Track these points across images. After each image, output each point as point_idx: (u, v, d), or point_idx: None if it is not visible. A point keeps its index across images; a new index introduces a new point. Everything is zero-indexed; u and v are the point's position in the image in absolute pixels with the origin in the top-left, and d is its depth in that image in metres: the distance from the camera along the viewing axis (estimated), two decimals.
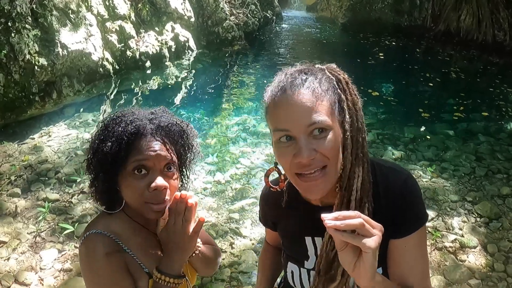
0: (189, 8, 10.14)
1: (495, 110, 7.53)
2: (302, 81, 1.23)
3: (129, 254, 1.43)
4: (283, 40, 13.16)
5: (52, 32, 6.33)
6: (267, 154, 5.62)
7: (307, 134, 1.20)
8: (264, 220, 1.73)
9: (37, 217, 4.19)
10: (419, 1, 13.28)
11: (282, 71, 1.32)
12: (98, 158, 1.41)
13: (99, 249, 1.37)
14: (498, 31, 11.75)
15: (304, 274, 1.49)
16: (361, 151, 1.29)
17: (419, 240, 1.35)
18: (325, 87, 1.24)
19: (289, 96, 1.21)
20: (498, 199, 4.67)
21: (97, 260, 1.36)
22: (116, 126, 1.41)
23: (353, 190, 1.28)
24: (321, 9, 16.94)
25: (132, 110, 1.49)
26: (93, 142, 1.45)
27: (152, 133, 1.41)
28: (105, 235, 1.40)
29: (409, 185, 1.36)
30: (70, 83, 6.72)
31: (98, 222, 1.46)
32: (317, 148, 1.20)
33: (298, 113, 1.20)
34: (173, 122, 1.48)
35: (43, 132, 5.91)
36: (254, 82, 8.98)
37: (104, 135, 1.42)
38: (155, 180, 1.38)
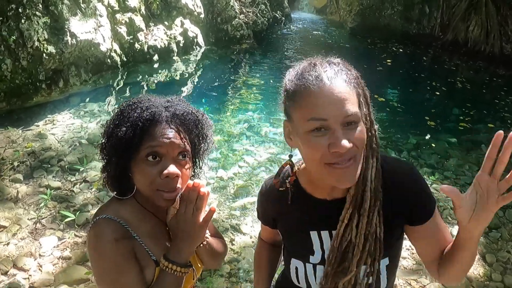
0: (199, 4, 10.15)
1: (499, 122, 7.50)
2: (335, 72, 1.24)
3: (138, 241, 1.42)
4: (291, 41, 13.16)
5: (62, 21, 6.33)
6: (270, 153, 5.62)
7: (343, 124, 1.20)
8: (263, 218, 1.70)
9: (38, 203, 4.19)
10: (429, 10, 13.28)
11: (305, 60, 1.32)
12: (112, 143, 1.40)
13: (107, 234, 1.36)
14: (506, 43, 11.72)
15: (310, 270, 1.47)
16: (375, 142, 1.33)
17: (438, 215, 1.41)
18: (352, 80, 1.25)
19: (327, 86, 1.20)
20: (499, 211, 4.64)
21: (105, 245, 1.35)
22: (131, 112, 1.40)
23: (368, 181, 1.31)
24: (330, 13, 16.96)
25: (148, 97, 1.48)
26: (107, 126, 1.44)
27: (167, 121, 1.39)
28: (114, 221, 1.40)
29: (416, 174, 1.40)
30: (77, 73, 6.72)
31: (108, 208, 1.46)
32: (351, 138, 1.20)
33: (336, 103, 1.19)
34: (188, 111, 1.47)
35: (47, 120, 5.92)
36: (261, 81, 8.98)
37: (119, 120, 1.41)
38: (167, 168, 1.37)
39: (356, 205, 1.33)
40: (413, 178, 1.39)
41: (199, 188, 1.39)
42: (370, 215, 1.33)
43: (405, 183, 1.38)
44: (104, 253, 1.35)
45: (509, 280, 3.69)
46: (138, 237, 1.42)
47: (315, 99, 1.21)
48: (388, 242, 1.39)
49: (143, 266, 1.40)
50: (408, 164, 1.45)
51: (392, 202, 1.36)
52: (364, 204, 1.32)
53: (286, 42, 12.93)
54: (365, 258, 1.34)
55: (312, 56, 1.32)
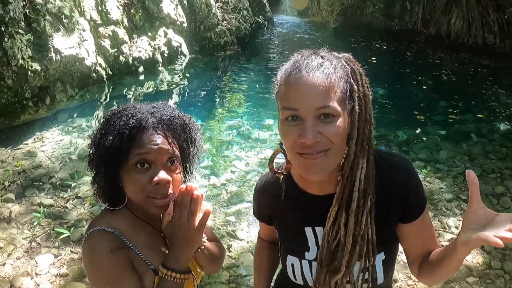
0: (181, 14, 10.15)
1: (487, 111, 7.59)
2: (318, 64, 1.24)
3: (134, 250, 1.40)
4: (275, 44, 13.19)
5: (45, 37, 6.30)
6: (261, 157, 5.63)
7: (315, 116, 1.21)
8: (259, 214, 1.71)
9: (32, 222, 4.16)
10: (410, 5, 13.37)
11: (299, 52, 1.33)
12: (100, 153, 1.38)
13: (102, 246, 1.34)
14: (488, 34, 11.83)
15: (306, 266, 1.48)
16: (366, 143, 1.31)
17: (427, 215, 1.44)
18: (339, 74, 1.25)
19: (303, 77, 1.22)
20: (493, 199, 4.71)
21: (101, 257, 1.34)
22: (117, 120, 1.39)
23: (356, 181, 1.31)
24: (312, 14, 17.01)
25: (134, 104, 1.47)
26: (94, 136, 1.43)
27: (154, 127, 1.39)
28: (108, 232, 1.38)
29: (410, 169, 1.42)
30: (63, 88, 6.69)
31: (101, 219, 1.44)
32: (323, 132, 1.21)
33: (309, 95, 1.21)
34: (175, 115, 1.46)
35: (36, 138, 5.88)
36: (247, 86, 8.99)
37: (105, 129, 1.39)
38: (157, 174, 1.36)
39: (342, 203, 1.33)
40: (408, 174, 1.41)
41: (192, 191, 1.37)
42: (359, 216, 1.32)
43: (399, 178, 1.39)
44: (100, 265, 1.34)
45: (508, 267, 3.74)
46: (134, 247, 1.41)
47: (290, 88, 1.25)
48: (384, 237, 1.40)
49: (141, 276, 1.39)
50: (404, 160, 1.46)
51: (387, 197, 1.37)
52: (351, 204, 1.32)
53: (270, 46, 12.96)
54: (355, 259, 1.34)
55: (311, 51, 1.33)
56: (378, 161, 1.39)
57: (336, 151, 1.26)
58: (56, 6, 6.60)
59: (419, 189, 1.41)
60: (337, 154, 1.27)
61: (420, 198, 1.41)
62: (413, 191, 1.40)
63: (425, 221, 1.43)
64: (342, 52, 1.36)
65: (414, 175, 1.42)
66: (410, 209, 1.40)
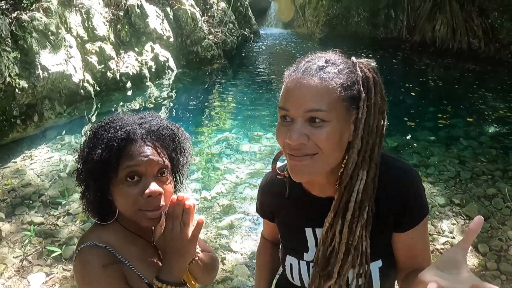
0: (167, 28, 10.19)
1: (475, 115, 7.69)
2: (317, 68, 1.23)
3: (127, 265, 1.37)
4: (261, 57, 13.27)
5: (32, 54, 6.29)
6: (252, 169, 5.63)
7: (305, 119, 1.21)
8: (262, 211, 1.70)
9: (23, 241, 4.12)
10: (394, 14, 13.54)
11: (309, 55, 1.32)
12: (88, 167, 1.35)
13: (94, 261, 1.31)
14: (473, 38, 12.00)
15: (304, 267, 1.47)
16: (369, 155, 1.28)
17: (423, 230, 1.39)
18: (342, 80, 1.22)
19: (299, 79, 1.22)
20: (485, 200, 4.74)
21: (94, 273, 1.30)
22: (105, 133, 1.36)
23: (354, 192, 1.28)
24: (298, 26, 17.14)
25: (121, 116, 1.44)
26: (82, 150, 1.39)
27: (143, 138, 1.36)
28: (99, 247, 1.35)
29: (414, 179, 1.37)
30: (51, 106, 6.67)
31: (91, 234, 1.40)
32: (310, 135, 1.20)
33: (300, 96, 1.21)
34: (163, 125, 1.44)
35: (25, 156, 5.84)
36: (235, 99, 9.01)
37: (93, 143, 1.36)
38: (148, 187, 1.33)
39: (339, 211, 1.32)
40: (409, 180, 1.37)
41: (183, 201, 1.33)
42: (353, 226, 1.30)
43: (400, 184, 1.36)
44: (93, 281, 1.31)
45: (504, 267, 3.76)
46: (127, 261, 1.38)
47: (286, 89, 1.26)
48: (383, 244, 1.39)
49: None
50: (408, 166, 1.41)
51: (387, 202, 1.35)
52: (347, 214, 1.30)
53: (257, 58, 13.02)
54: (348, 268, 1.33)
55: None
56: (382, 164, 1.34)
57: (325, 157, 1.24)
58: (42, 23, 6.60)
59: (419, 199, 1.37)
60: (325, 160, 1.25)
61: (418, 208, 1.36)
62: (413, 197, 1.36)
63: (420, 234, 1.39)
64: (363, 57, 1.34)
65: (414, 184, 1.37)
66: (406, 217, 1.35)
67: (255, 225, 4.46)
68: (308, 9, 16.29)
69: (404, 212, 1.35)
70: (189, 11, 10.82)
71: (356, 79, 1.25)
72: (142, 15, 9.54)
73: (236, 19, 13.58)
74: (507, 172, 5.38)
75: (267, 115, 7.85)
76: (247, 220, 4.56)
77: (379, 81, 1.29)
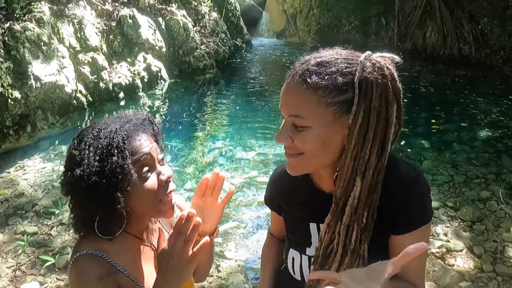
0: (160, 39, 10.21)
1: (468, 120, 7.75)
2: (303, 72, 1.22)
3: (123, 273, 1.35)
4: (253, 66, 13.33)
5: (25, 65, 6.28)
6: (245, 177, 5.63)
7: (290, 122, 1.25)
8: (271, 203, 1.71)
9: (16, 250, 4.09)
10: (385, 21, 13.67)
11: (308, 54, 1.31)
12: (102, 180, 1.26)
13: (90, 272, 1.29)
14: (463, 44, 12.14)
15: (305, 261, 1.48)
16: (365, 163, 1.25)
17: (418, 239, 1.23)
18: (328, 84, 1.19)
19: (287, 83, 1.26)
20: (479, 203, 4.76)
21: (88, 285, 1.28)
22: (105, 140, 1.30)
23: (350, 197, 1.28)
24: (289, 35, 17.26)
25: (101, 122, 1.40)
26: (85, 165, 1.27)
27: (136, 132, 1.36)
28: (96, 256, 1.32)
29: (418, 182, 1.34)
30: (44, 116, 6.64)
31: (88, 241, 1.36)
32: (293, 138, 1.25)
33: (284, 101, 1.26)
34: (143, 117, 1.45)
35: (18, 166, 5.81)
36: (227, 108, 9.03)
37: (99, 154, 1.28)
38: (162, 172, 1.36)
39: (337, 214, 1.32)
40: (410, 186, 1.33)
41: (193, 218, 1.26)
42: (349, 230, 1.30)
43: (401, 190, 1.32)
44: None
45: (500, 269, 3.77)
46: (123, 269, 1.36)
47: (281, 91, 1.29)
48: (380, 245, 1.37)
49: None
50: (414, 171, 1.36)
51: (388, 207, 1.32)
52: (343, 218, 1.30)
53: (249, 68, 13.08)
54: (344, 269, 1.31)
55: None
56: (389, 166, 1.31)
57: (310, 158, 1.26)
58: (35, 34, 6.60)
59: (421, 204, 1.33)
60: (310, 160, 1.27)
61: (418, 213, 1.32)
62: (413, 202, 1.32)
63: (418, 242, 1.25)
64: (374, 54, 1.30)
65: (421, 188, 1.34)
66: (403, 219, 1.32)
67: (250, 233, 4.46)
68: (299, 18, 16.42)
69: (403, 213, 1.31)
70: (181, 22, 10.87)
71: (351, 82, 1.20)
72: (134, 26, 9.56)
73: (228, 29, 13.65)
74: (501, 175, 5.42)
75: (260, 123, 7.88)
76: (241, 228, 4.55)
77: (386, 83, 1.23)
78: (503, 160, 5.89)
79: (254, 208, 4.86)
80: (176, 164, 6.16)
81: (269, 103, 9.00)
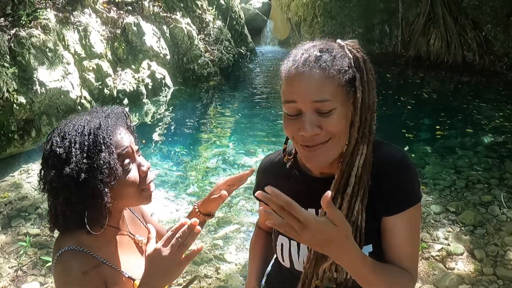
0: (164, 46, 10.29)
1: (471, 125, 7.78)
2: (315, 59, 1.26)
3: (107, 264, 1.39)
4: (257, 74, 13.37)
5: (30, 70, 6.35)
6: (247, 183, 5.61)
7: (313, 110, 1.25)
8: None
9: (18, 251, 4.13)
10: (389, 29, 13.69)
11: (300, 45, 1.37)
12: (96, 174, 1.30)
13: (74, 267, 1.30)
14: (467, 51, 12.14)
15: (294, 247, 1.49)
16: (368, 129, 1.33)
17: (409, 220, 1.36)
18: (339, 66, 1.27)
19: (300, 72, 1.25)
20: (481, 208, 4.77)
21: (74, 280, 1.30)
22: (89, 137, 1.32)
23: (355, 166, 1.32)
24: (293, 43, 17.27)
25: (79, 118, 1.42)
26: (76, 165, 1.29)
27: (116, 126, 1.40)
28: (79, 251, 1.34)
29: (406, 163, 1.39)
30: (48, 121, 6.70)
31: (69, 237, 1.37)
32: (322, 125, 1.25)
33: (306, 88, 1.24)
34: (119, 111, 1.49)
35: (22, 170, 5.87)
36: (231, 116, 9.08)
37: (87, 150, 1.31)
38: (141, 163, 1.42)
39: (340, 188, 1.33)
40: (399, 168, 1.38)
41: (195, 227, 1.27)
42: (352, 201, 1.32)
43: (390, 171, 1.37)
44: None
45: (501, 272, 3.77)
46: (106, 261, 1.39)
47: (289, 82, 1.28)
48: (372, 229, 1.39)
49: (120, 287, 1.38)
50: (401, 153, 1.42)
51: (379, 185, 1.36)
52: (347, 189, 1.32)
53: (253, 76, 13.12)
54: None
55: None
56: (374, 147, 1.38)
57: (337, 140, 1.29)
58: (40, 40, 6.68)
59: (410, 184, 1.37)
60: (338, 143, 1.30)
61: (407, 193, 1.37)
62: (402, 181, 1.36)
63: (405, 224, 1.37)
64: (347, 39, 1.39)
65: (408, 165, 1.39)
66: (393, 200, 1.36)
67: (250, 236, 4.46)
68: (303, 26, 16.46)
69: (394, 194, 1.36)
70: (185, 29, 10.94)
71: (349, 62, 1.29)
72: (138, 33, 9.65)
73: (232, 37, 13.72)
74: (503, 180, 5.43)
75: (262, 131, 7.92)
76: (242, 232, 4.58)
77: (367, 59, 1.34)
78: (506, 165, 5.90)
79: (255, 212, 4.87)
80: (179, 168, 6.20)
81: (272, 110, 9.04)
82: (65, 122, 1.41)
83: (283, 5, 17.74)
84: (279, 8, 18.23)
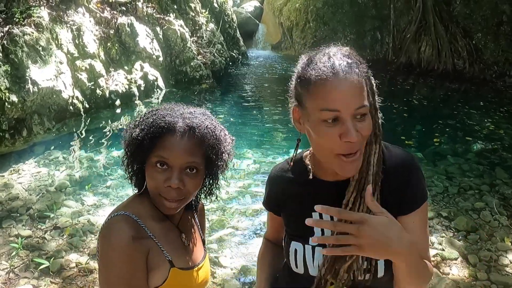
0: (157, 48, 10.26)
1: (461, 132, 7.87)
2: (349, 65, 1.28)
3: (153, 240, 1.43)
4: (249, 78, 13.38)
5: (23, 69, 6.29)
6: (240, 185, 5.64)
7: (353, 116, 1.26)
8: (268, 203, 1.73)
9: (10, 253, 4.05)
10: (380, 36, 13.81)
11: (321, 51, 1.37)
12: (128, 141, 1.46)
13: (125, 231, 1.35)
14: (457, 59, 12.30)
15: (309, 251, 1.49)
16: (378, 129, 1.39)
17: (424, 214, 1.44)
18: (365, 71, 1.31)
19: (341, 78, 1.25)
20: (473, 214, 4.80)
21: (121, 242, 1.34)
22: (150, 117, 1.45)
23: (371, 165, 1.36)
24: (285, 48, 17.35)
25: (171, 106, 1.54)
26: (128, 124, 1.52)
27: (180, 131, 1.41)
28: (132, 218, 1.41)
29: (416, 163, 1.45)
30: (40, 121, 6.64)
31: (128, 205, 1.48)
32: (359, 130, 1.26)
33: (349, 96, 1.25)
34: (206, 124, 1.46)
35: (12, 170, 5.78)
36: (222, 118, 9.04)
37: (139, 122, 1.46)
38: (171, 178, 1.39)
39: (359, 189, 1.36)
40: (409, 167, 1.43)
41: None
42: None
43: (401, 171, 1.41)
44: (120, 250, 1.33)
45: (495, 277, 3.78)
46: (154, 237, 1.43)
47: (330, 90, 1.26)
48: None
49: (157, 266, 1.41)
50: (409, 154, 1.48)
51: (389, 187, 1.39)
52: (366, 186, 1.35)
53: (244, 79, 13.13)
54: None
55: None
56: (385, 153, 1.43)
57: (363, 146, 1.33)
58: (33, 38, 6.62)
59: (420, 182, 1.43)
60: (363, 148, 1.34)
61: (420, 191, 1.42)
62: (416, 180, 1.42)
63: (421, 219, 1.43)
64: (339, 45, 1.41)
65: (415, 170, 1.44)
66: (408, 199, 1.40)
67: (245, 240, 4.45)
68: (295, 31, 16.54)
69: (406, 193, 1.40)
70: (178, 31, 10.93)
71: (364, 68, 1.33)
72: (132, 34, 9.61)
73: (225, 40, 13.73)
74: (494, 186, 5.47)
75: (254, 134, 7.92)
76: (237, 235, 4.55)
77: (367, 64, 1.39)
78: (497, 172, 5.95)
79: (249, 216, 4.86)
80: None
81: (264, 113, 9.04)
82: None
83: (275, 9, 17.83)
84: (271, 12, 18.31)
